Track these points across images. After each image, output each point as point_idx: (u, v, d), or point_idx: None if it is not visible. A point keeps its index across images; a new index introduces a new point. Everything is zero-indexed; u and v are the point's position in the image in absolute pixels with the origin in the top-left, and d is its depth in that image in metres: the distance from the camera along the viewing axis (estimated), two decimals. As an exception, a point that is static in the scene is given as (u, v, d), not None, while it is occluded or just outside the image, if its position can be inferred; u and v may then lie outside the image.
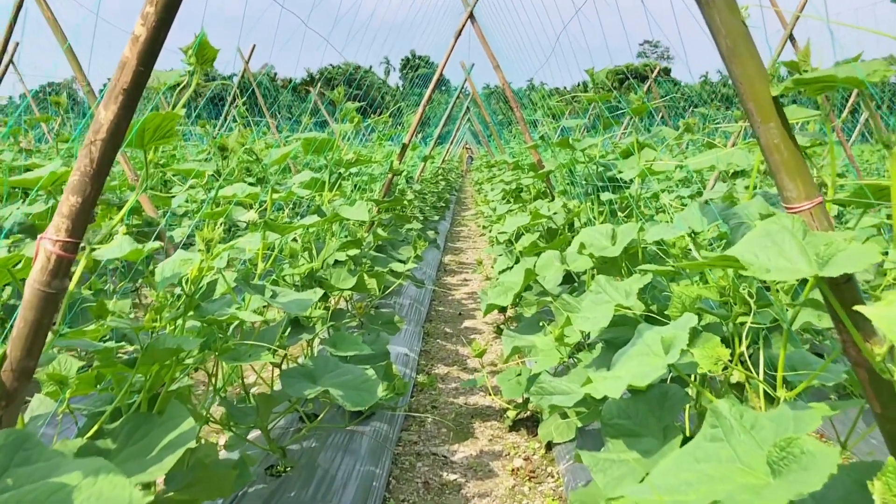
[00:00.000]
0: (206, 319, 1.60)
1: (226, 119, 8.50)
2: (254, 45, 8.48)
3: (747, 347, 1.85)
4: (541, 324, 2.92)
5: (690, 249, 2.24)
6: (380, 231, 4.00)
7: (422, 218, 7.75)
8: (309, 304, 2.15)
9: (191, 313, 1.61)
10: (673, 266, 2.25)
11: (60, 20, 4.17)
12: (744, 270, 0.99)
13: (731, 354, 1.80)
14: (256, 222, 2.15)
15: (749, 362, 1.57)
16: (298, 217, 2.95)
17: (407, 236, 6.40)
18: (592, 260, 2.56)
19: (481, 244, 9.87)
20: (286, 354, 2.73)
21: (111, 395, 1.63)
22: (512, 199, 5.80)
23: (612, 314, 2.03)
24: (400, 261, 4.85)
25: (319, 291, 2.25)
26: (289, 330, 2.62)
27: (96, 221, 4.46)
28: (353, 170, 4.74)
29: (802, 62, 1.20)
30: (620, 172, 2.93)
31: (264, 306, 2.08)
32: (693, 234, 1.98)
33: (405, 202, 5.11)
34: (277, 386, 2.77)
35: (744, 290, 1.64)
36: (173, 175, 5.37)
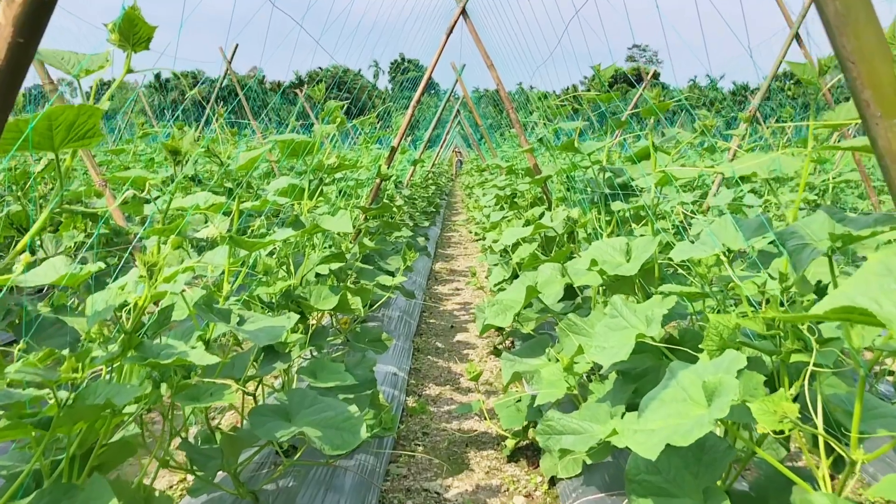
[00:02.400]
0: (148, 363, 1.30)
1: (208, 123, 8.17)
2: (236, 45, 8.16)
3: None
4: (547, 350, 2.63)
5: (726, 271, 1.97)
6: (366, 241, 3.71)
7: (412, 224, 7.47)
8: (281, 333, 1.86)
9: (130, 354, 1.31)
10: (698, 290, 1.98)
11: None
12: (867, 322, 0.72)
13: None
14: (218, 238, 1.85)
15: (813, 415, 1.29)
16: (276, 228, 2.65)
17: (396, 244, 6.11)
18: (603, 277, 2.28)
19: (472, 250, 9.59)
20: (261, 381, 2.43)
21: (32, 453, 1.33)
22: (506, 206, 5.53)
23: (634, 344, 1.75)
24: (388, 272, 4.56)
25: (294, 317, 1.95)
26: (261, 357, 2.32)
27: (59, 231, 4.12)
28: (339, 175, 4.44)
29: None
30: (633, 180, 2.66)
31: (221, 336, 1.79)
32: (728, 253, 1.70)
33: (394, 209, 4.82)
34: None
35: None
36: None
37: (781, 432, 1.22)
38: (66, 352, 1.23)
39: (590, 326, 2.46)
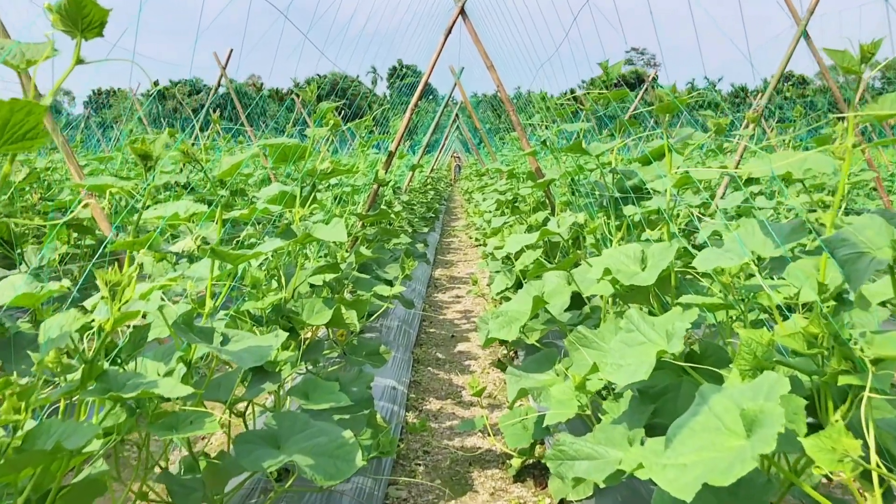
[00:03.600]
0: (109, 396, 1.14)
1: (202, 129, 8.01)
2: (230, 50, 8.01)
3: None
4: (555, 364, 2.47)
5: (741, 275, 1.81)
6: (363, 250, 3.55)
7: (410, 230, 7.31)
8: (267, 353, 1.70)
9: (91, 385, 1.15)
10: (721, 300, 1.82)
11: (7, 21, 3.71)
12: None
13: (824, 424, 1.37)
14: (195, 251, 1.69)
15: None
16: (266, 237, 2.50)
17: (394, 251, 5.95)
18: (616, 287, 2.13)
19: (472, 256, 9.44)
20: (250, 403, 2.27)
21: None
22: (508, 210, 5.37)
23: (655, 362, 1.59)
24: (386, 281, 4.40)
25: (282, 335, 1.80)
26: (250, 377, 2.16)
27: (43, 241, 3.96)
28: (334, 180, 4.29)
29: None
30: (644, 183, 2.51)
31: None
32: (758, 261, 1.55)
33: (392, 215, 4.67)
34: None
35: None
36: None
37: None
38: (26, 381, 1.07)
39: (601, 339, 2.30)
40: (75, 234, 3.88)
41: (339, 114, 7.31)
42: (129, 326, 1.52)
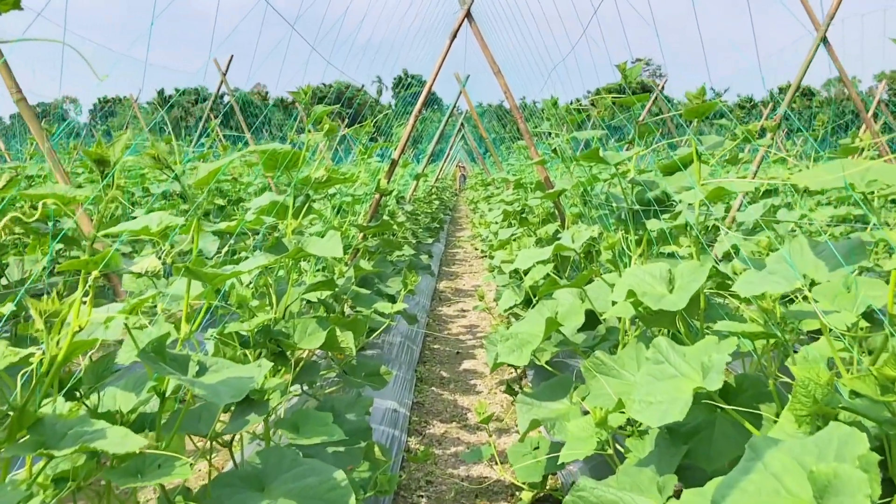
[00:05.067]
0: (40, 453, 0.94)
1: (200, 136, 7.85)
2: (231, 56, 7.84)
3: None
4: (569, 392, 2.27)
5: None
6: (363, 263, 3.36)
7: (414, 241, 7.11)
8: (248, 386, 1.50)
9: (21, 438, 0.95)
10: (762, 327, 1.61)
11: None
12: None
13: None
14: (159, 271, 1.50)
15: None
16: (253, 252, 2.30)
17: (397, 264, 5.75)
18: (639, 310, 1.92)
19: (478, 267, 9.23)
20: (236, 437, 2.07)
21: None
22: (515, 222, 5.17)
23: (691, 400, 1.39)
24: (389, 295, 4.20)
25: (266, 364, 1.60)
26: (234, 406, 1.96)
27: (27, 252, 3.77)
28: (332, 190, 4.11)
29: None
30: (667, 195, 2.31)
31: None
32: (811, 285, 1.34)
33: (395, 226, 4.47)
34: (229, 465, 2.11)
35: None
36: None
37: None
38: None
39: (621, 366, 2.10)
40: (61, 246, 3.70)
41: (343, 122, 7.14)
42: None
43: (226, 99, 9.36)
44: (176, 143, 2.49)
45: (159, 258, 1.82)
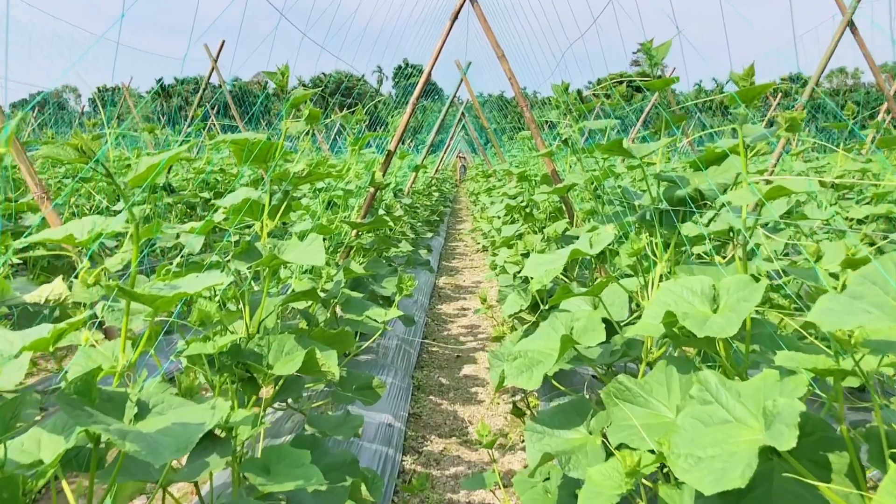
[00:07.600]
0: None
1: (190, 123, 7.51)
2: (223, 41, 7.49)
3: None
4: (586, 419, 1.97)
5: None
6: (354, 266, 3.05)
7: (412, 236, 6.80)
8: (195, 434, 1.20)
9: None
10: (834, 363, 1.31)
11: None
12: None
13: None
14: (64, 300, 1.19)
15: None
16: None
17: (394, 260, 5.44)
18: (672, 330, 1.62)
19: (479, 262, 8.93)
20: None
21: None
22: (519, 217, 4.85)
23: (756, 460, 1.09)
24: (384, 297, 3.90)
25: (223, 405, 1.29)
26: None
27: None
28: (322, 184, 3.79)
29: None
30: (700, 193, 2.00)
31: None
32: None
33: (391, 222, 4.16)
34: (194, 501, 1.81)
35: None
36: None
37: None
38: None
39: (648, 392, 1.80)
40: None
41: (342, 111, 6.81)
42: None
43: (226, 88, 9.04)
44: (159, 132, 2.18)
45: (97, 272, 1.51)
